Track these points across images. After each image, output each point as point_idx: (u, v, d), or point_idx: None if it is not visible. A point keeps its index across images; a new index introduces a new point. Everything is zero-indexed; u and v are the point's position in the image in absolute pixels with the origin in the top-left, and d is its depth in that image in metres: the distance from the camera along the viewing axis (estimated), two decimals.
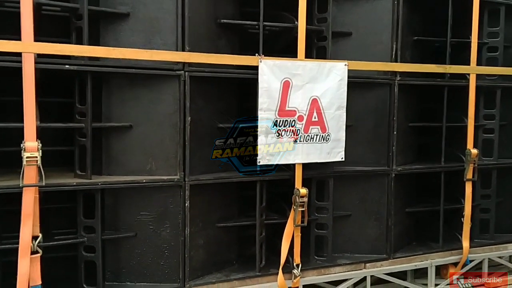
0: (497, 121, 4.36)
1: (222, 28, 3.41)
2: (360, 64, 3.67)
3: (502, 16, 4.32)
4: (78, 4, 2.94)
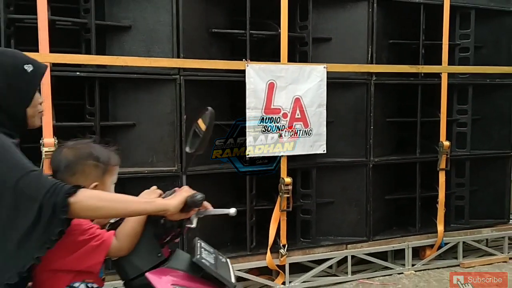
0: (469, 115, 4.76)
1: (214, 36, 3.85)
2: (339, 66, 4.10)
3: (472, 19, 4.71)
4: (86, 19, 3.39)
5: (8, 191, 1.41)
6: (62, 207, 1.41)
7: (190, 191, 1.67)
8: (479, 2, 4.72)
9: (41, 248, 1.42)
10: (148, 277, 1.64)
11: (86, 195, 1.47)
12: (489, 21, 4.85)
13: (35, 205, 1.40)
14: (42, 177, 1.45)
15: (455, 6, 4.58)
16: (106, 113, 3.55)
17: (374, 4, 4.17)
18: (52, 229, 1.41)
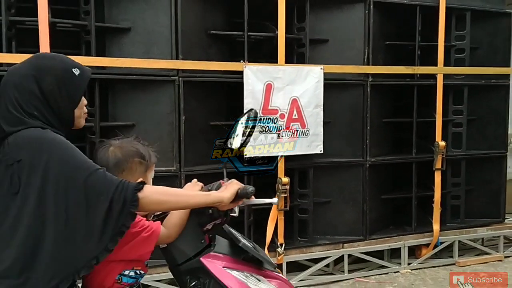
0: (465, 116, 4.82)
1: (212, 38, 3.90)
2: (335, 68, 4.16)
3: (468, 20, 4.76)
4: (86, 21, 3.44)
5: (77, 188, 1.51)
6: (132, 201, 1.55)
7: (239, 184, 1.83)
8: (475, 3, 4.77)
9: (113, 240, 1.55)
10: (202, 261, 1.83)
11: (152, 190, 1.62)
12: (484, 23, 4.90)
13: (106, 200, 1.52)
14: (107, 174, 1.58)
15: (451, 8, 4.63)
16: (106, 114, 3.60)
17: (371, 6, 4.23)
18: (123, 221, 1.54)
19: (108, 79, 3.54)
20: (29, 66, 1.64)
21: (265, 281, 1.92)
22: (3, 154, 1.54)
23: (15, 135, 1.55)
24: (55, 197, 1.51)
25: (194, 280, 1.87)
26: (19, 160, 1.51)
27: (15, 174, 1.51)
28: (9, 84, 1.61)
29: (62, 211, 1.51)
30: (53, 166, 1.51)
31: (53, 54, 1.77)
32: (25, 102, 1.58)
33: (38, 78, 1.60)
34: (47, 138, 1.55)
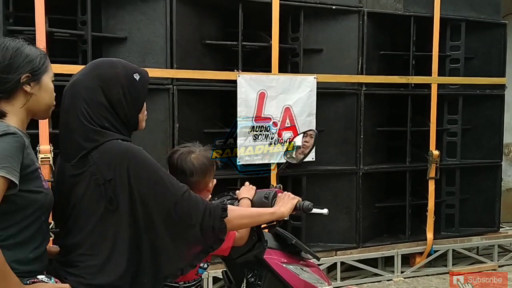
0: (459, 125, 4.86)
1: (207, 47, 3.98)
2: (329, 77, 4.22)
3: (463, 31, 4.82)
4: (83, 31, 3.53)
5: (166, 213, 1.63)
6: (220, 229, 1.71)
7: (295, 197, 2.03)
8: (470, 14, 4.83)
9: (199, 258, 1.75)
10: (265, 259, 2.07)
11: (234, 215, 1.78)
12: (479, 33, 4.94)
13: (196, 227, 1.67)
14: (193, 198, 1.69)
15: (445, 19, 4.69)
16: None
17: (365, 17, 4.30)
18: (212, 245, 1.74)
19: None
20: (93, 77, 1.68)
21: (309, 270, 2.19)
22: (92, 173, 1.59)
23: (98, 151, 1.59)
24: (143, 215, 1.61)
25: (250, 272, 2.13)
26: (110, 180, 1.57)
27: (109, 191, 1.58)
28: (77, 97, 1.65)
29: (153, 228, 1.62)
30: (141, 187, 1.59)
31: (113, 61, 1.78)
32: (95, 114, 1.63)
33: (105, 89, 1.65)
34: (133, 155, 1.61)
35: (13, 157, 1.46)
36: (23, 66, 1.60)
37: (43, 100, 1.68)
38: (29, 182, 1.53)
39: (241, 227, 1.96)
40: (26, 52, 1.63)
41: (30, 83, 1.62)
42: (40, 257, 1.61)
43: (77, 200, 1.63)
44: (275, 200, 2.06)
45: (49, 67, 1.71)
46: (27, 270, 1.55)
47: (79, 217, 1.64)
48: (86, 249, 1.63)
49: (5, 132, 1.48)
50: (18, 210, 1.52)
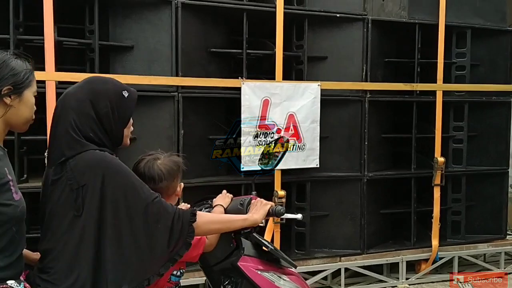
0: (465, 132, 4.86)
1: (212, 55, 4.05)
2: (333, 84, 4.26)
3: (468, 38, 4.82)
4: (91, 40, 3.62)
5: (136, 216, 1.69)
6: (188, 233, 1.76)
7: (268, 203, 2.11)
8: (476, 21, 4.84)
9: (166, 267, 1.76)
10: (239, 266, 2.10)
11: (203, 220, 1.84)
12: (485, 40, 4.95)
13: (165, 230, 1.72)
14: (163, 203, 1.76)
15: (451, 26, 4.71)
16: None
17: (369, 24, 4.33)
18: (179, 252, 1.76)
19: None
20: (85, 90, 1.79)
21: (286, 278, 2.21)
22: (68, 178, 1.68)
23: (76, 158, 1.69)
24: (112, 221, 1.67)
25: (227, 279, 2.17)
26: (83, 185, 1.66)
27: (80, 197, 1.66)
28: (67, 107, 1.76)
29: (119, 236, 1.68)
30: (113, 192, 1.67)
31: (105, 78, 1.93)
32: (82, 125, 1.73)
33: (94, 102, 1.76)
34: (107, 163, 1.70)
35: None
36: (7, 78, 1.66)
37: (22, 113, 1.73)
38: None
39: (211, 233, 2.01)
40: (11, 65, 1.69)
41: (11, 95, 1.67)
42: (12, 264, 1.65)
43: (52, 205, 1.71)
44: (249, 207, 2.12)
45: (33, 82, 1.76)
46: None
47: (53, 222, 1.72)
48: (56, 254, 1.69)
49: None
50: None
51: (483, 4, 4.87)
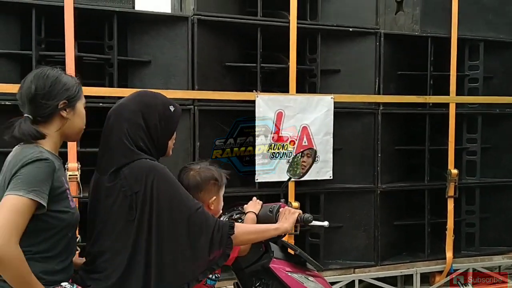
0: (478, 144, 4.86)
1: (227, 69, 4.14)
2: (346, 97, 4.32)
3: (481, 51, 4.85)
4: (110, 55, 3.74)
5: (180, 224, 1.83)
6: (227, 244, 1.90)
7: (297, 211, 2.25)
8: (488, 34, 4.87)
9: (205, 274, 1.90)
10: (271, 267, 2.26)
11: (240, 231, 1.97)
12: (499, 53, 4.97)
13: (206, 240, 1.85)
14: (205, 213, 1.90)
15: (463, 39, 4.75)
16: None
17: (381, 38, 4.39)
18: (218, 262, 1.90)
19: None
20: (136, 102, 1.97)
21: (313, 279, 2.37)
22: (122, 186, 1.83)
23: (130, 166, 1.84)
24: (158, 227, 1.80)
25: (258, 281, 2.31)
26: (136, 192, 1.80)
27: (133, 203, 1.80)
28: (121, 118, 1.92)
29: (164, 242, 1.81)
30: (160, 200, 1.81)
31: (154, 93, 2.10)
32: (134, 134, 1.89)
33: (144, 114, 1.92)
34: (157, 171, 1.84)
35: (43, 181, 1.66)
36: (61, 93, 1.82)
37: (77, 124, 1.90)
38: (58, 203, 1.74)
39: (247, 243, 2.13)
40: (64, 80, 1.85)
41: (66, 109, 1.83)
42: (66, 268, 1.80)
43: (107, 211, 1.85)
44: (278, 214, 2.25)
45: (82, 94, 1.93)
46: (53, 280, 1.74)
47: (107, 226, 1.85)
48: (109, 256, 1.82)
49: (38, 158, 1.68)
50: (48, 228, 1.73)
51: (495, 17, 4.89)
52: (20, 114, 1.86)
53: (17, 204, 1.60)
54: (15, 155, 1.76)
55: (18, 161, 1.69)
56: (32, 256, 1.68)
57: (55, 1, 3.55)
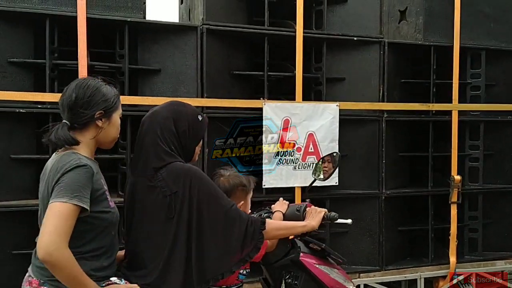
0: (481, 151, 4.94)
1: (235, 77, 4.23)
2: (351, 104, 4.41)
3: (483, 59, 4.94)
4: (121, 64, 3.83)
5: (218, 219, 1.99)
6: (259, 238, 2.05)
7: (323, 210, 2.45)
8: (490, 43, 4.96)
9: (238, 265, 2.06)
10: (302, 261, 2.50)
11: (271, 227, 2.14)
12: (500, 61, 5.06)
13: (240, 234, 2.01)
14: (239, 210, 2.08)
15: (465, 48, 4.84)
16: None
17: (385, 47, 4.49)
18: (250, 253, 2.05)
19: (139, 116, 3.85)
20: (168, 110, 2.14)
21: (336, 271, 2.64)
22: (161, 186, 1.97)
23: (166, 168, 1.99)
24: (196, 223, 1.96)
25: (287, 274, 2.52)
26: (175, 192, 1.95)
27: (172, 202, 1.95)
28: (155, 123, 2.09)
29: (202, 236, 1.96)
30: (198, 198, 1.97)
31: (184, 102, 2.29)
32: (166, 139, 2.05)
33: (176, 121, 2.09)
34: (193, 173, 2.01)
35: (84, 186, 1.79)
36: (99, 103, 1.94)
37: (111, 133, 2.02)
38: (99, 204, 1.87)
39: (276, 238, 2.34)
40: (103, 91, 1.97)
41: (102, 118, 1.95)
42: (112, 264, 1.95)
43: (146, 210, 2.00)
44: (305, 213, 2.44)
45: (119, 105, 2.06)
46: (102, 276, 1.90)
47: (146, 225, 2.00)
48: (150, 253, 1.98)
49: (77, 164, 1.81)
50: (93, 228, 1.87)
51: (497, 26, 4.99)
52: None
53: (63, 210, 1.72)
54: (55, 163, 1.87)
55: (59, 168, 1.81)
56: (82, 256, 1.82)
57: (68, 11, 3.66)
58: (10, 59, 3.60)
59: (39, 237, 1.72)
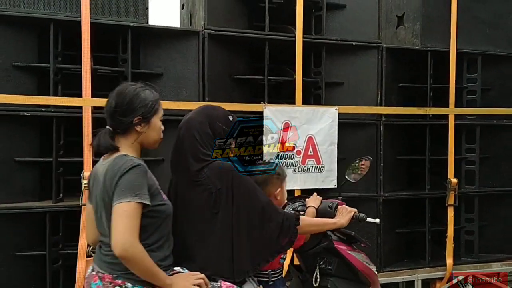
0: (477, 154, 5.01)
1: (236, 81, 4.29)
2: (349, 108, 4.48)
3: (479, 64, 5.01)
4: (124, 68, 3.88)
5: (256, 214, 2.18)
6: (293, 233, 2.27)
7: (352, 209, 2.80)
8: (486, 48, 5.04)
9: (273, 256, 2.27)
10: (337, 248, 2.78)
11: (304, 223, 2.36)
12: (496, 66, 5.13)
13: (277, 228, 2.20)
14: (274, 205, 2.29)
15: (462, 53, 4.92)
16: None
17: (383, 52, 4.56)
18: (284, 246, 2.27)
19: None
20: (203, 115, 2.35)
21: (363, 255, 2.90)
22: (206, 184, 2.18)
23: (209, 167, 2.21)
24: (237, 217, 2.15)
25: (321, 260, 2.75)
26: (219, 188, 2.16)
27: (217, 198, 2.15)
28: (192, 128, 2.29)
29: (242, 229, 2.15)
30: (239, 194, 2.17)
31: (215, 106, 2.52)
32: (204, 142, 2.27)
33: (211, 124, 2.32)
34: (233, 171, 2.23)
35: (142, 184, 1.95)
36: (137, 110, 2.07)
37: (152, 137, 2.17)
38: (155, 198, 2.02)
39: (309, 233, 2.57)
40: (142, 97, 2.11)
41: (141, 124, 2.09)
42: (171, 253, 2.11)
43: (191, 206, 2.18)
44: (336, 210, 2.69)
45: (160, 108, 2.21)
46: (167, 265, 2.06)
47: (193, 220, 2.17)
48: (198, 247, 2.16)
49: (132, 165, 1.96)
50: (154, 221, 2.02)
51: (493, 32, 5.07)
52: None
53: (128, 209, 1.88)
54: (109, 167, 2.00)
55: (115, 171, 1.95)
56: (149, 248, 1.98)
57: (72, 16, 3.71)
58: (14, 63, 3.66)
59: (113, 237, 1.88)
